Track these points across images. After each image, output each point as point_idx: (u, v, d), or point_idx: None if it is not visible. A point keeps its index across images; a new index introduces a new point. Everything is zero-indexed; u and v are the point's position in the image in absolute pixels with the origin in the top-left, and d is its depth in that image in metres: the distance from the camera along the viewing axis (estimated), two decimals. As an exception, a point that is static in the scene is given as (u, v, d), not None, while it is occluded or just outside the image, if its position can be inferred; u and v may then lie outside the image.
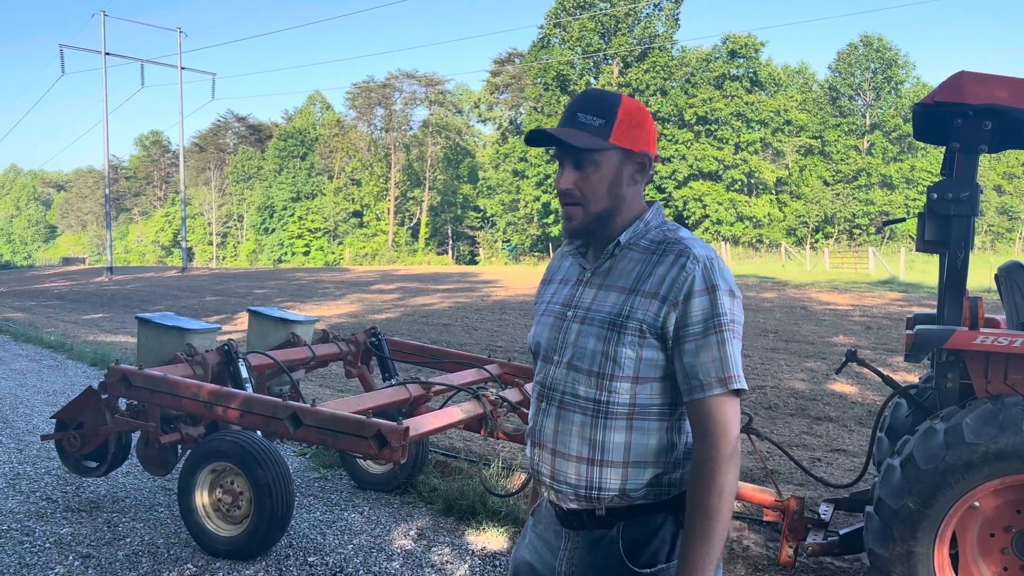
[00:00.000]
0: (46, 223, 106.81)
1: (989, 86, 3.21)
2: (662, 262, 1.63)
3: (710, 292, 1.57)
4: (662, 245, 1.66)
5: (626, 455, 1.62)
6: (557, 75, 48.03)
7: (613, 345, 1.61)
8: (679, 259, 1.61)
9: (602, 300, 1.67)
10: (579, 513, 1.68)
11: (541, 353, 1.76)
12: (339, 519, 4.73)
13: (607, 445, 1.63)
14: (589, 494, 1.64)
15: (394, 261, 55.03)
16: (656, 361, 1.61)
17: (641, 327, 1.60)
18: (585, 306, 1.69)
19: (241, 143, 78.84)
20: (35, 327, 15.43)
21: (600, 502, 1.64)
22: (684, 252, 1.61)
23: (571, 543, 1.71)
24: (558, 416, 1.69)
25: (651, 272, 1.63)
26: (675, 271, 1.59)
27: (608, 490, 1.63)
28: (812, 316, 15.05)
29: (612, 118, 1.65)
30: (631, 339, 1.60)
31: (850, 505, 3.99)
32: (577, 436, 1.65)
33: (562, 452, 1.67)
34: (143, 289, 27.75)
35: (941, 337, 3.26)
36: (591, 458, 1.64)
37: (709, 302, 1.57)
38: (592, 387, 1.64)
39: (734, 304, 1.60)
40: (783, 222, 48.17)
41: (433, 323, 14.85)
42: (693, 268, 1.58)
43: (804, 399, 7.94)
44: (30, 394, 8.59)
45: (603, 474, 1.63)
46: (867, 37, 49.57)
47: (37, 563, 4.09)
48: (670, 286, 1.59)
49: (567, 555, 1.71)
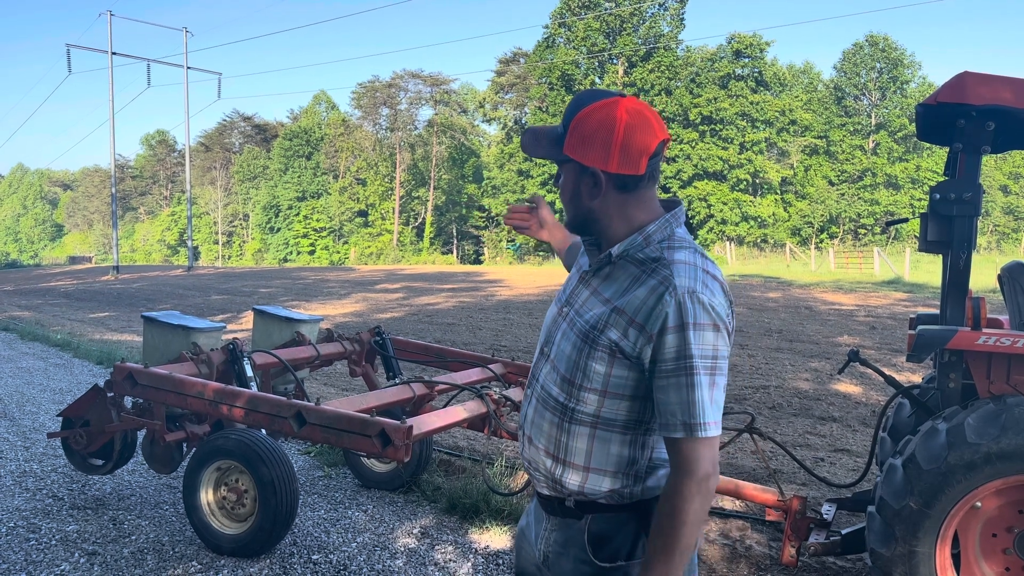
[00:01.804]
0: (53, 222, 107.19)
1: (992, 87, 3.21)
2: (644, 284, 1.56)
3: (684, 329, 1.49)
4: (653, 263, 1.58)
5: (587, 460, 1.64)
6: (562, 75, 48.01)
7: (584, 357, 1.61)
8: (658, 288, 1.53)
9: (589, 307, 1.65)
10: (551, 500, 1.73)
11: (539, 342, 1.79)
12: (343, 517, 4.75)
13: (569, 448, 1.65)
14: (555, 487, 1.70)
15: (399, 260, 55.07)
16: (627, 380, 1.58)
17: (612, 347, 1.56)
18: (576, 307, 1.69)
19: (247, 142, 79.04)
20: (42, 325, 15.50)
21: (568, 495, 1.69)
22: (666, 281, 1.52)
23: (549, 524, 1.76)
24: (536, 408, 1.73)
25: (632, 291, 1.57)
26: (652, 300, 1.52)
27: (568, 488, 1.67)
28: (817, 316, 15.03)
29: (567, 128, 1.64)
30: (601, 355, 1.58)
31: (852, 505, 3.99)
32: (546, 432, 1.69)
33: (535, 443, 1.72)
34: (149, 288, 27.84)
35: (943, 337, 3.27)
36: (555, 455, 1.68)
37: (682, 340, 1.49)
38: (563, 391, 1.65)
39: (716, 339, 1.51)
40: (788, 222, 48.08)
41: (437, 322, 14.87)
42: (669, 301, 1.50)
43: (808, 399, 7.94)
44: (36, 392, 8.63)
45: (565, 473, 1.67)
46: (873, 37, 49.46)
47: (43, 560, 4.11)
48: (647, 316, 1.52)
49: (545, 535, 1.76)
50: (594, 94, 1.63)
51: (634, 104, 1.61)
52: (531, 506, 1.90)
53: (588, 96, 1.64)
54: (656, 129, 1.60)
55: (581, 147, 1.61)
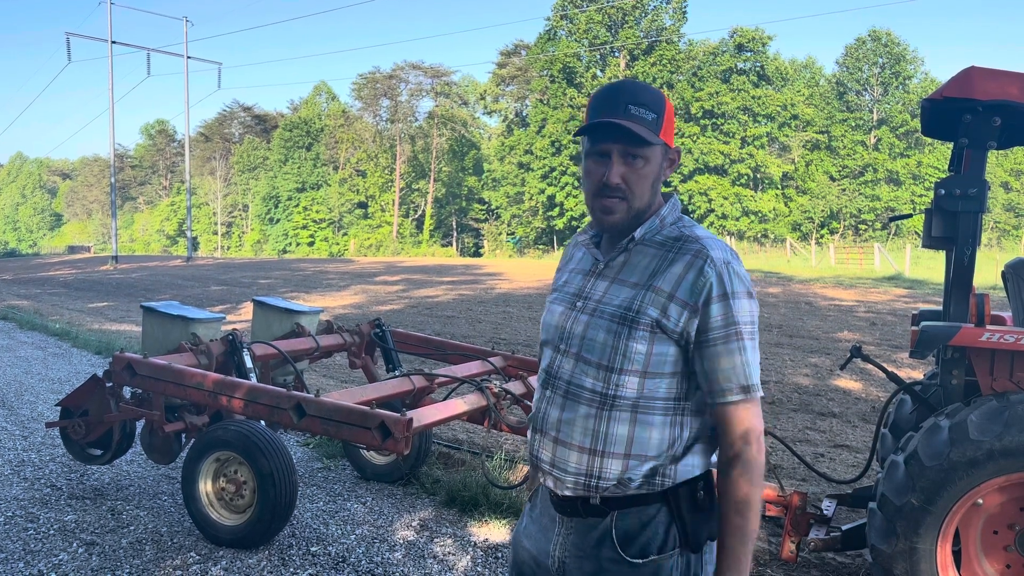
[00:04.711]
0: (52, 211, 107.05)
1: (999, 82, 3.19)
2: (678, 260, 1.62)
3: (727, 298, 1.58)
4: (678, 242, 1.65)
5: (627, 447, 1.63)
6: (563, 67, 47.92)
7: (623, 339, 1.61)
8: (696, 260, 1.60)
9: (614, 294, 1.66)
10: (574, 500, 1.69)
11: (550, 340, 1.76)
12: (342, 509, 4.75)
13: (609, 437, 1.64)
14: (588, 483, 1.66)
15: (398, 252, 55.07)
16: (667, 357, 1.62)
17: (653, 325, 1.60)
18: (596, 298, 1.69)
19: (247, 133, 78.92)
20: (40, 315, 15.48)
21: (597, 491, 1.66)
22: (701, 254, 1.60)
23: (565, 528, 1.72)
24: (563, 405, 1.69)
25: (665, 269, 1.62)
26: (693, 274, 1.59)
27: (607, 479, 1.64)
28: (817, 312, 15.02)
29: (661, 113, 1.64)
30: (642, 334, 1.60)
31: (853, 501, 3.98)
32: (581, 426, 1.66)
33: (564, 441, 1.68)
34: (148, 278, 27.82)
35: (947, 334, 3.25)
36: (593, 448, 1.65)
37: (727, 308, 1.58)
38: (599, 380, 1.64)
39: (752, 306, 1.62)
40: (788, 217, 48.07)
41: (437, 315, 14.86)
42: (710, 273, 1.58)
43: (808, 394, 7.93)
44: (35, 381, 8.62)
45: (603, 464, 1.64)
46: (875, 32, 49.35)
47: (41, 550, 4.11)
48: (689, 290, 1.59)
49: (560, 540, 1.72)
50: (646, 84, 1.72)
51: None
52: (530, 516, 1.85)
53: (648, 85, 1.71)
54: None
55: (670, 131, 1.69)
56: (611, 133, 1.62)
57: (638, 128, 1.60)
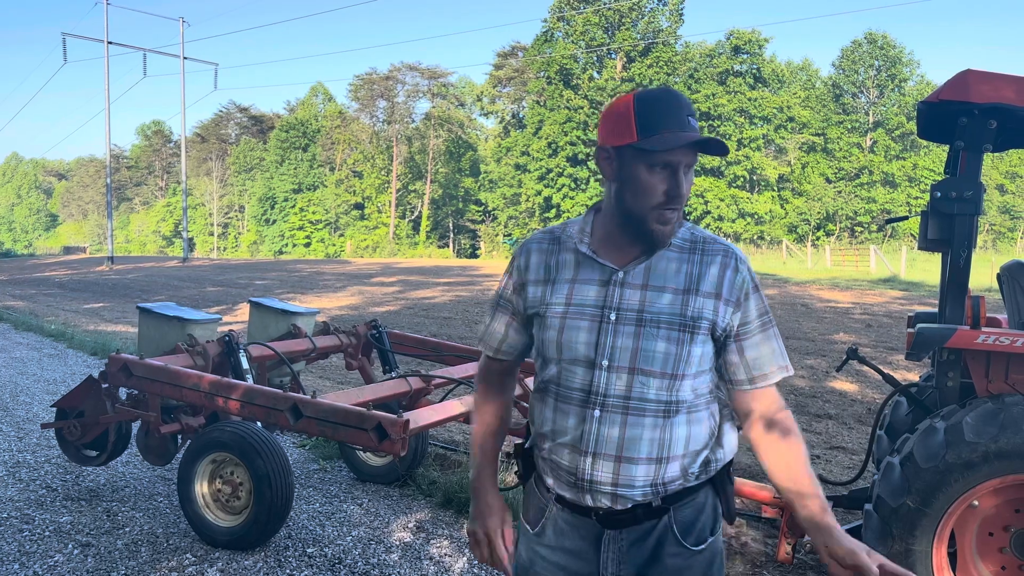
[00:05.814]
0: (47, 212, 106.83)
1: (995, 85, 3.20)
2: (712, 262, 1.69)
3: (757, 291, 1.72)
4: (699, 244, 1.71)
5: (685, 447, 1.68)
6: (560, 69, 47.93)
7: (685, 346, 1.65)
8: (728, 260, 1.69)
9: (654, 300, 1.65)
10: (633, 510, 1.68)
11: (579, 359, 1.67)
12: (338, 511, 4.74)
13: (672, 442, 1.66)
14: (655, 491, 1.67)
15: (395, 254, 55.03)
16: (708, 355, 1.70)
17: (709, 326, 1.67)
18: (633, 308, 1.65)
19: (243, 134, 78.83)
20: (36, 315, 15.44)
21: (659, 496, 1.69)
22: (729, 254, 1.70)
23: (615, 543, 1.71)
24: (623, 423, 1.64)
25: (704, 272, 1.68)
26: (730, 274, 1.68)
27: (672, 482, 1.68)
28: (813, 313, 15.05)
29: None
30: (702, 337, 1.66)
31: (849, 503, 3.98)
32: (648, 440, 1.65)
33: (631, 458, 1.65)
34: (144, 279, 27.76)
35: (943, 336, 3.26)
36: (659, 457, 1.65)
37: (759, 300, 1.72)
38: (663, 389, 1.65)
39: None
40: (785, 219, 48.14)
41: (434, 316, 14.85)
42: (743, 270, 1.70)
43: (804, 396, 7.95)
44: (30, 382, 8.60)
45: (667, 469, 1.67)
46: (871, 34, 49.45)
47: (36, 551, 4.10)
48: (730, 289, 1.68)
49: (613, 556, 1.71)
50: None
51: None
52: (541, 545, 1.79)
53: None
54: None
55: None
56: (688, 145, 1.58)
57: (718, 140, 1.60)
